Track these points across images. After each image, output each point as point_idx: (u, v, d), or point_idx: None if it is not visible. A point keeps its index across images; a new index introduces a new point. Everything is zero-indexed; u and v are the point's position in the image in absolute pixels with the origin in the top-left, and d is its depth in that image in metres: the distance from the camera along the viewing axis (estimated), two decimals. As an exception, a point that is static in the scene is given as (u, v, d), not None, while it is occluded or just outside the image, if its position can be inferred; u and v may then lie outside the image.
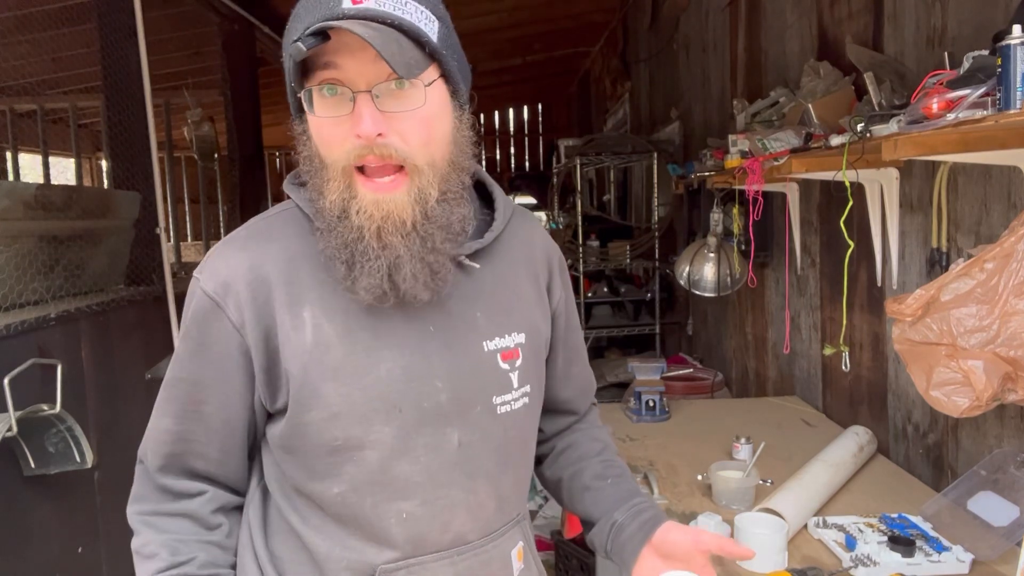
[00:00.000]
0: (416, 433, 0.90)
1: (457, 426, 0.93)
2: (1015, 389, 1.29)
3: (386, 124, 0.82)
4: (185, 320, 0.94)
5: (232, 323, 0.89)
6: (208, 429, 0.93)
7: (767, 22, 2.89)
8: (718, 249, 2.80)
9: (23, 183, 3.50)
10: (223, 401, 0.92)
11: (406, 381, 0.90)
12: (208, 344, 0.90)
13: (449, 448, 0.92)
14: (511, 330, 0.98)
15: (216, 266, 0.91)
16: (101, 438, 2.21)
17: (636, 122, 5.64)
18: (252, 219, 0.98)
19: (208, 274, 0.91)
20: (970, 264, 1.32)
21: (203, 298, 0.90)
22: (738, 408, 2.64)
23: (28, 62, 3.45)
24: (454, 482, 0.93)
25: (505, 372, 0.97)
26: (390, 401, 0.89)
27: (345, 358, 0.88)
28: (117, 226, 2.56)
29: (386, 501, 0.91)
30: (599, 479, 1.11)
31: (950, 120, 1.24)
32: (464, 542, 0.95)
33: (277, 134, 8.74)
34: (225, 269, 0.90)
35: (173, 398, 0.94)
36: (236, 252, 0.91)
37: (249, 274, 0.89)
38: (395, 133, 0.82)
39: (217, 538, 0.96)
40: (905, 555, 1.43)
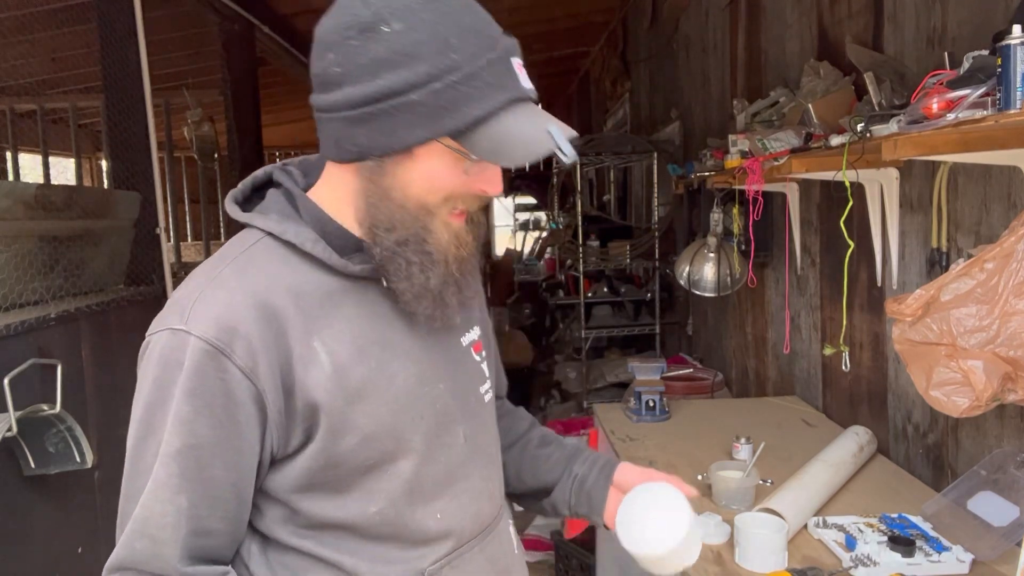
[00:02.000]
0: (435, 435, 0.93)
1: (460, 421, 0.96)
2: (1015, 389, 1.29)
3: None
4: (169, 380, 0.81)
5: (241, 370, 0.81)
6: (215, 499, 0.83)
7: (767, 22, 2.90)
8: (718, 249, 2.80)
9: (23, 183, 3.51)
10: (232, 463, 0.83)
11: (420, 387, 0.92)
12: (212, 401, 0.81)
13: (459, 443, 0.96)
14: (473, 324, 1.04)
15: (209, 311, 0.82)
16: (101, 438, 2.21)
17: (636, 122, 5.64)
18: (219, 255, 0.90)
19: (201, 321, 0.81)
20: (970, 264, 1.32)
21: (201, 349, 0.80)
22: (738, 408, 2.64)
23: (28, 62, 3.46)
24: (471, 473, 0.97)
25: (478, 363, 1.03)
26: (414, 410, 0.91)
27: (365, 378, 0.87)
28: (117, 226, 2.56)
29: (423, 506, 0.92)
30: (544, 446, 1.18)
31: (950, 120, 1.24)
32: (486, 526, 1.00)
33: (277, 134, 8.75)
34: (224, 310, 0.82)
35: (180, 472, 0.82)
36: (231, 290, 0.84)
37: (256, 310, 0.83)
38: None
39: None
40: (905, 555, 1.43)
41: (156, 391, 0.83)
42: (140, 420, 0.85)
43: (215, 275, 0.86)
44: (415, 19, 0.79)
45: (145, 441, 0.84)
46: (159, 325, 0.85)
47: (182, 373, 0.81)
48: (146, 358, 0.85)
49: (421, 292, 0.88)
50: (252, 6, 4.00)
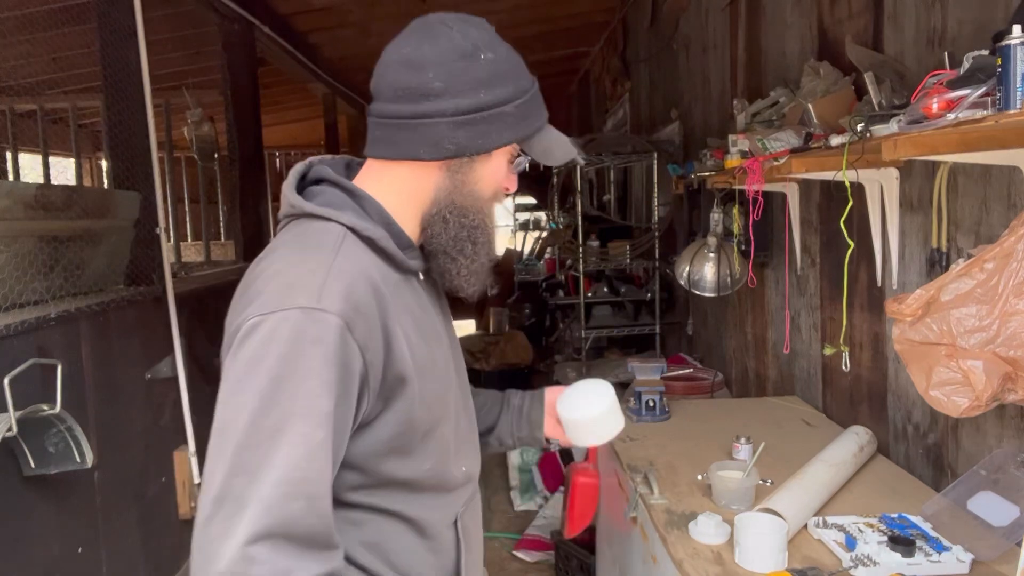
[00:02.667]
0: (457, 402, 1.14)
1: (461, 390, 1.18)
2: (1015, 389, 1.29)
3: None
4: (302, 353, 0.87)
5: (358, 345, 0.91)
6: (325, 470, 0.88)
7: (767, 22, 2.90)
8: (718, 249, 2.79)
9: (23, 183, 3.51)
10: (341, 435, 0.91)
11: (446, 363, 1.12)
12: (342, 373, 0.89)
13: (465, 408, 1.19)
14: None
15: (338, 292, 0.91)
16: (101, 438, 2.21)
17: (636, 122, 5.64)
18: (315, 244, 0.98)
19: (335, 301, 0.90)
20: (970, 264, 1.32)
21: (337, 325, 0.89)
22: (738, 408, 2.64)
23: (28, 62, 3.46)
24: (471, 431, 1.21)
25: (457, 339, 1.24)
26: (448, 382, 1.11)
27: (424, 355, 1.03)
28: (117, 226, 2.56)
29: (454, 460, 1.12)
30: (475, 396, 1.33)
31: (950, 120, 1.24)
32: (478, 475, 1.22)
33: (277, 134, 8.75)
34: (349, 292, 0.92)
35: (330, 436, 0.88)
36: (351, 274, 0.94)
37: (370, 294, 0.95)
38: None
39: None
40: (905, 555, 1.43)
41: (286, 364, 0.87)
42: (264, 393, 0.86)
43: (330, 262, 0.94)
44: (500, 52, 1.05)
45: (271, 411, 0.86)
46: (280, 305, 0.90)
47: (320, 347, 0.88)
48: (265, 335, 0.88)
49: (480, 270, 1.09)
50: (252, 6, 4.00)
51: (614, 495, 2.17)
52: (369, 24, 5.23)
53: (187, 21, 4.19)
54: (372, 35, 5.46)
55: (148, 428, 2.53)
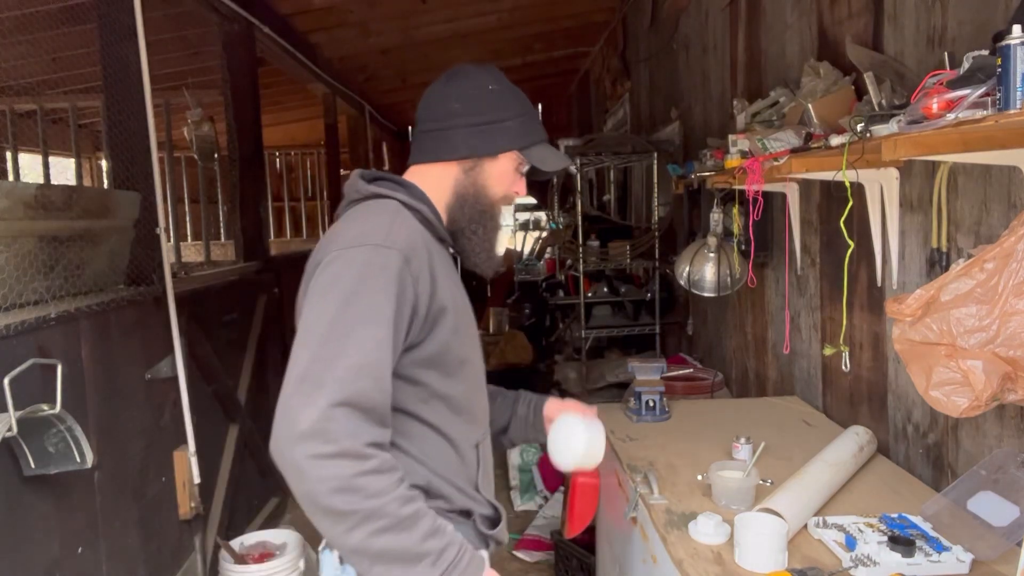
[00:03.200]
0: (477, 349, 1.44)
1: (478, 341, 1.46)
2: (1015, 389, 1.29)
3: None
4: (373, 274, 1.18)
5: (412, 277, 1.22)
6: (386, 360, 1.16)
7: (767, 22, 2.90)
8: (718, 249, 2.79)
9: (23, 183, 3.50)
10: (396, 340, 1.19)
11: (470, 317, 1.42)
12: (400, 294, 1.19)
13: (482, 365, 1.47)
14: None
15: (395, 234, 1.23)
16: (101, 438, 2.21)
17: (636, 122, 5.64)
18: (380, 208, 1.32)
19: (392, 240, 1.22)
20: (970, 264, 1.32)
21: (394, 257, 1.20)
22: (738, 408, 2.64)
23: (28, 62, 3.46)
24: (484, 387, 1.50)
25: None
26: (474, 329, 1.44)
27: (459, 299, 1.36)
28: (117, 226, 2.56)
29: (478, 396, 1.44)
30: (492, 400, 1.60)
31: (950, 120, 1.24)
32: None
33: (277, 134, 8.75)
34: (405, 237, 1.25)
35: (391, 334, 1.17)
36: (404, 227, 1.27)
37: (420, 243, 1.27)
38: None
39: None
40: (905, 555, 1.43)
41: (360, 282, 1.17)
42: (342, 302, 1.15)
43: (392, 220, 1.27)
44: (506, 86, 1.43)
45: (347, 314, 1.14)
46: (355, 243, 1.22)
47: (386, 272, 1.18)
48: (344, 262, 1.19)
49: (491, 249, 1.45)
50: (252, 6, 4.00)
51: (614, 495, 2.17)
52: (369, 24, 5.23)
53: (187, 21, 4.18)
54: (372, 35, 5.46)
55: (148, 428, 2.53)
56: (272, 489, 3.87)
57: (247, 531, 3.32)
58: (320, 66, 5.49)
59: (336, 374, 1.08)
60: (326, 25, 5.07)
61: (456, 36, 5.81)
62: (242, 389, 3.54)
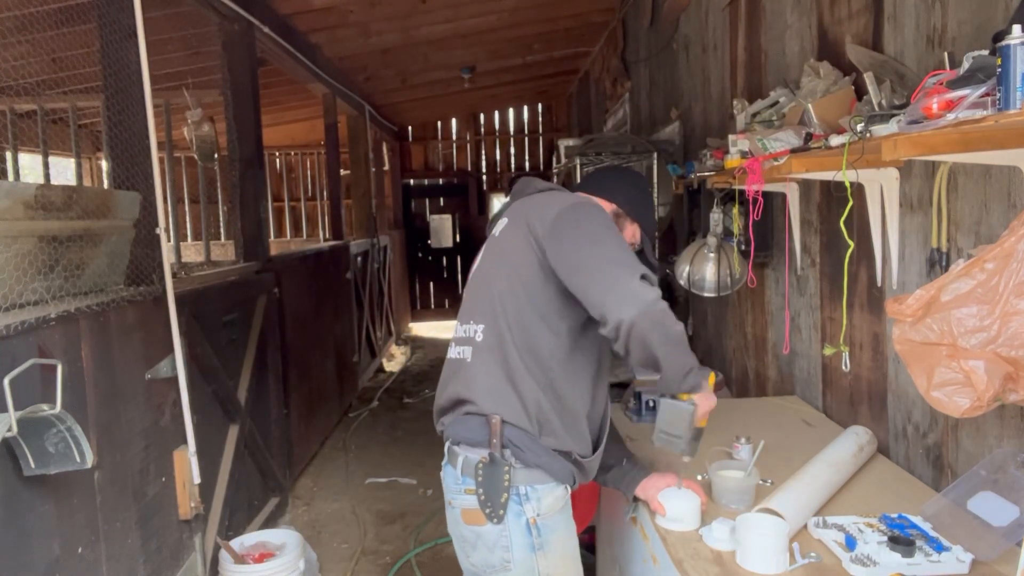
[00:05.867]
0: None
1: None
2: (1016, 389, 1.29)
3: None
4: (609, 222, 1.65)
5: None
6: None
7: (767, 22, 2.90)
8: (718, 249, 2.79)
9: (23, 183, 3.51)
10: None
11: None
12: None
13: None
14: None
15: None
16: (101, 438, 2.21)
17: (636, 122, 5.64)
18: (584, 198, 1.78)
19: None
20: (970, 264, 1.32)
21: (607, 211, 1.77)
22: (738, 408, 2.64)
23: (28, 62, 3.46)
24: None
25: None
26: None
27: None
28: (117, 226, 2.55)
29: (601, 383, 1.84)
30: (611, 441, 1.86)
31: (950, 120, 1.24)
32: None
33: (277, 134, 8.76)
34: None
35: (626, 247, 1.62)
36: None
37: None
38: None
39: None
40: (905, 555, 1.43)
41: (607, 220, 1.64)
42: (603, 232, 1.60)
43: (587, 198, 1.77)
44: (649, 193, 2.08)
45: (609, 238, 1.59)
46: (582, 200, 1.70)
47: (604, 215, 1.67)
48: (592, 207, 1.67)
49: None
50: (252, 6, 4.00)
51: (614, 495, 2.17)
52: (369, 24, 5.24)
53: (187, 21, 4.18)
54: (372, 35, 5.47)
55: (148, 428, 2.53)
56: (272, 489, 3.87)
57: (247, 531, 3.32)
58: (320, 66, 5.49)
59: (630, 262, 1.55)
60: (326, 25, 5.07)
61: (456, 36, 5.81)
62: (242, 389, 3.54)
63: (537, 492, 1.63)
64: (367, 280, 7.04)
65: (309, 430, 4.82)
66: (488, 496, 1.61)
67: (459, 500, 1.67)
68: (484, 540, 1.64)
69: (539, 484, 1.63)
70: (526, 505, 1.62)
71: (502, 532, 1.62)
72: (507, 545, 1.62)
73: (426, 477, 4.45)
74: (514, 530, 1.62)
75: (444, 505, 1.77)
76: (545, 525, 1.63)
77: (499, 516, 1.61)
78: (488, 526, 1.62)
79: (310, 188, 9.88)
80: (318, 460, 4.89)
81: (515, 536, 1.62)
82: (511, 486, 1.61)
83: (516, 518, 1.62)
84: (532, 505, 1.62)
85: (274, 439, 3.96)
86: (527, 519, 1.62)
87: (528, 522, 1.62)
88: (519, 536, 1.62)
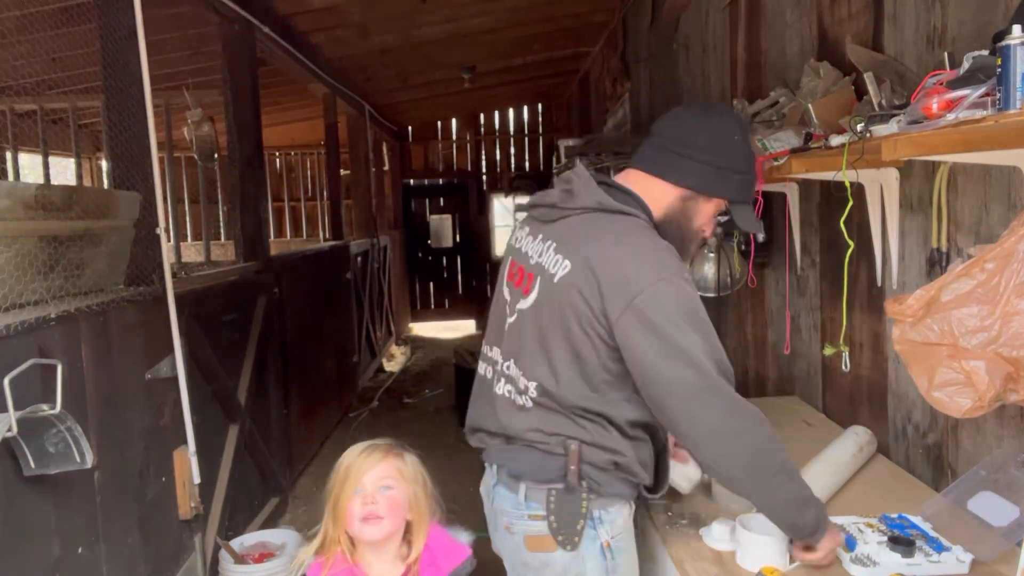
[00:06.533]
0: None
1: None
2: (1016, 390, 1.29)
3: None
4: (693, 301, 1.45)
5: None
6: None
7: (767, 22, 2.89)
8: (718, 249, 2.79)
9: (23, 183, 3.51)
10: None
11: None
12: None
13: None
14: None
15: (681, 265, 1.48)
16: (101, 438, 2.21)
17: (636, 122, 5.64)
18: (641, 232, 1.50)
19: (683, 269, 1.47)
20: (971, 264, 1.32)
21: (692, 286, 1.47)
22: (738, 408, 2.63)
23: (28, 62, 3.45)
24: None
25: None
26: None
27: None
28: (117, 226, 2.55)
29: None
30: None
31: (950, 120, 1.24)
32: None
33: (277, 134, 8.75)
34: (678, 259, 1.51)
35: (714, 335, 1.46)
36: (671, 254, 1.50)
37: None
38: None
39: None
40: (905, 555, 1.43)
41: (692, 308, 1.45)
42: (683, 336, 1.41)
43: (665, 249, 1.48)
44: (747, 138, 1.56)
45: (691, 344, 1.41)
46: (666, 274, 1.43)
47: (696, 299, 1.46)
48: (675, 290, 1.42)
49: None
50: (252, 6, 4.00)
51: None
52: (369, 24, 5.23)
53: (187, 21, 4.18)
54: (372, 35, 5.46)
55: (148, 428, 2.53)
56: (272, 489, 3.87)
57: (247, 531, 3.32)
58: (320, 66, 5.49)
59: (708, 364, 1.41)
60: (326, 25, 5.07)
61: (456, 36, 5.81)
62: (242, 389, 3.54)
63: (610, 515, 1.53)
64: (367, 280, 7.04)
65: (309, 430, 4.82)
66: (561, 523, 1.50)
67: (521, 526, 1.54)
68: (552, 567, 1.52)
69: (611, 507, 1.53)
70: (600, 529, 1.52)
71: (575, 558, 1.51)
72: (581, 571, 1.52)
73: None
74: (588, 556, 1.51)
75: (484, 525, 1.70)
76: (618, 547, 1.54)
77: (574, 543, 1.50)
78: (559, 552, 1.51)
79: (310, 188, 9.87)
80: (318, 460, 4.89)
81: (589, 561, 1.52)
82: (587, 513, 1.50)
83: (591, 543, 1.51)
84: (606, 528, 1.53)
85: (274, 439, 3.96)
86: (601, 543, 1.52)
87: (602, 546, 1.52)
88: (593, 560, 1.52)
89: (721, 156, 1.51)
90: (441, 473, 1.76)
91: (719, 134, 1.51)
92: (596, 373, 1.46)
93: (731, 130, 1.52)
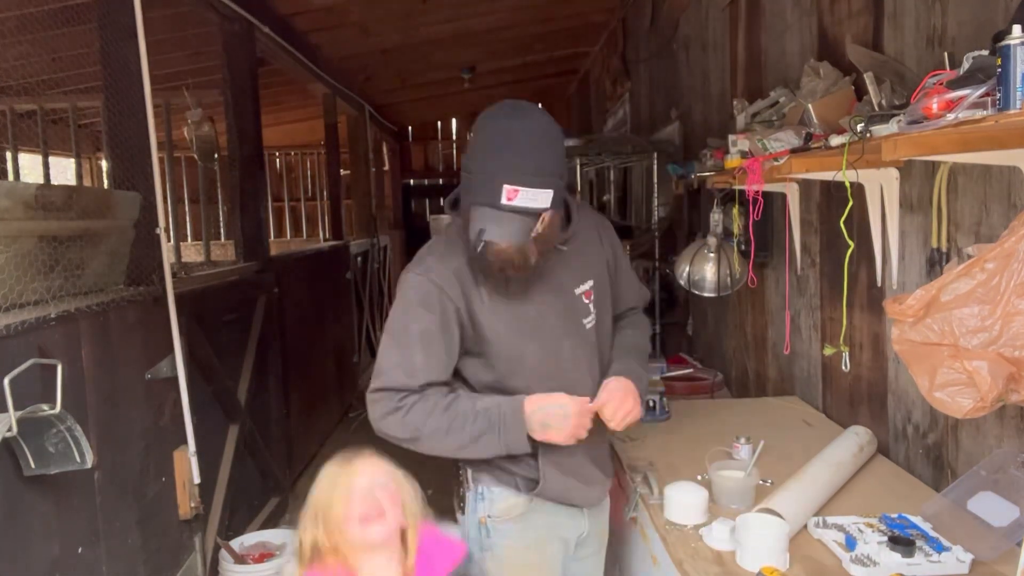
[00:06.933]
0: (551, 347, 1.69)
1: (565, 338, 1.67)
2: (1018, 390, 1.29)
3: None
4: (409, 297, 1.58)
5: (450, 299, 1.57)
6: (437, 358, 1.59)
7: (767, 22, 2.90)
8: (718, 249, 2.79)
9: (23, 183, 3.51)
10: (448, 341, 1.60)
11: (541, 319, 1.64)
12: (434, 309, 1.56)
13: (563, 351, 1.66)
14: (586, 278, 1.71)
15: (430, 265, 1.60)
16: (101, 438, 2.21)
17: (636, 122, 5.64)
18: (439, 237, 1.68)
19: (427, 269, 1.59)
20: (970, 264, 1.32)
21: (428, 283, 1.57)
22: (738, 408, 2.64)
23: (28, 62, 3.45)
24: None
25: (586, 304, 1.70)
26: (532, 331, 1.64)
27: (508, 311, 1.61)
28: (117, 226, 2.55)
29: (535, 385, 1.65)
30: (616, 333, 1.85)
31: (950, 120, 1.24)
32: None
33: (277, 134, 8.75)
34: (441, 269, 1.58)
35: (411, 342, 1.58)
36: (444, 260, 1.60)
37: (455, 275, 1.58)
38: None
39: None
40: (905, 555, 1.43)
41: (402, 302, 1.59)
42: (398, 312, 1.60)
43: (436, 249, 1.65)
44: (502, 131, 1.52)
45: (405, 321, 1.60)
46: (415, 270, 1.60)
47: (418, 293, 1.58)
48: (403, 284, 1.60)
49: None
50: (252, 6, 4.00)
51: (614, 495, 2.17)
52: (369, 24, 5.23)
53: (187, 21, 4.18)
54: (372, 35, 5.46)
55: (148, 428, 2.53)
56: (272, 489, 3.87)
57: (247, 531, 3.32)
58: (320, 66, 5.49)
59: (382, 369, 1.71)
60: (326, 25, 5.07)
61: (456, 36, 5.81)
62: (242, 389, 3.54)
63: (492, 494, 1.71)
64: (367, 280, 7.04)
65: (309, 430, 4.82)
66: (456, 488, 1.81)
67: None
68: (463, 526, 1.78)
69: (495, 488, 1.71)
70: (479, 504, 1.73)
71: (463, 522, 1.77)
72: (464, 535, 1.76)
73: (427, 477, 4.44)
74: (469, 524, 1.75)
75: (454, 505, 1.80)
76: (496, 529, 1.71)
77: (461, 508, 1.76)
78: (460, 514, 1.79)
79: (310, 188, 9.87)
80: (318, 460, 4.87)
81: (469, 529, 1.76)
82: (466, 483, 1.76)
83: (472, 514, 1.75)
84: (485, 505, 1.72)
85: (274, 439, 3.96)
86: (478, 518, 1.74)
87: (479, 521, 1.73)
88: (471, 530, 1.75)
89: (469, 158, 1.50)
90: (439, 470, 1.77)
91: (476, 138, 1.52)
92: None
93: (491, 129, 1.51)
